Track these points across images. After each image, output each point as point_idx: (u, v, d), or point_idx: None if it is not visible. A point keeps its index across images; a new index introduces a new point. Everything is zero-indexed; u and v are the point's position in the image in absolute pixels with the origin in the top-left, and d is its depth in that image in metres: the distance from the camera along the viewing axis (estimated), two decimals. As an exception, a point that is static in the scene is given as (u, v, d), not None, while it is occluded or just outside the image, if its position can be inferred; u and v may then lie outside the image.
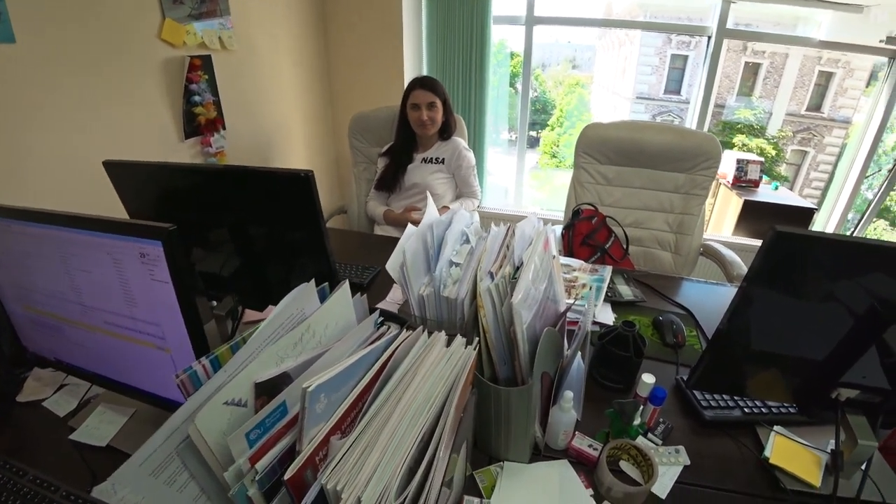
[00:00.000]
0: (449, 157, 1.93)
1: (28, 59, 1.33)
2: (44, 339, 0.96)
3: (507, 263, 0.78)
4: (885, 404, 0.83)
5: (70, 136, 1.48)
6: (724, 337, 0.81)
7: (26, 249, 0.85)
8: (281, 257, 1.04)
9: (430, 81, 1.86)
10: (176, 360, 0.77)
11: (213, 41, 1.91)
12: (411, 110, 1.87)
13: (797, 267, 0.72)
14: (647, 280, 1.51)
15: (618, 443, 0.82)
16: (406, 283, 0.82)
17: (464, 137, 2.05)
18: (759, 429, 0.93)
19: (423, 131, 1.89)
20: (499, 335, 0.74)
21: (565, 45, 8.60)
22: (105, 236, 0.72)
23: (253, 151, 2.30)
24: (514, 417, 0.76)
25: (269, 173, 0.91)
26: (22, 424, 0.98)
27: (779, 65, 7.20)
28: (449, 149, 1.94)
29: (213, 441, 0.44)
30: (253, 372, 0.48)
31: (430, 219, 0.89)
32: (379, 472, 0.43)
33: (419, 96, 1.83)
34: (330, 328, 0.58)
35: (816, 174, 7.26)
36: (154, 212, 1.11)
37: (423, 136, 1.94)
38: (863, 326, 0.75)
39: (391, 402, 0.50)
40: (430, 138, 1.95)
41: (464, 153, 1.94)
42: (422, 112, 1.83)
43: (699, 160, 1.72)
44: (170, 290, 0.69)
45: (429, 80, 1.86)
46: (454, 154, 1.93)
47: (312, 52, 2.67)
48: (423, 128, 1.87)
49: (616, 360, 1.00)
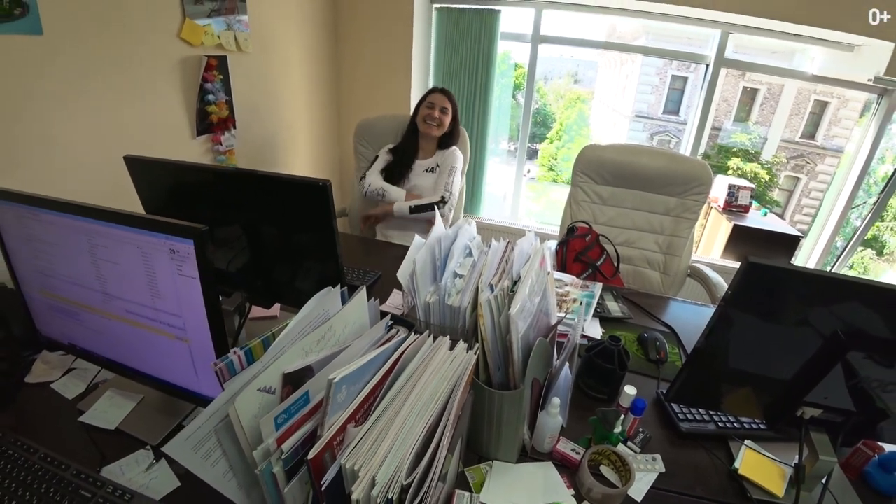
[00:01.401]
0: (441, 162, 2.03)
1: (53, 51, 1.38)
2: (60, 323, 1.00)
3: (506, 277, 0.84)
4: (846, 424, 0.91)
5: (90, 127, 1.53)
6: (701, 354, 0.88)
7: (53, 238, 0.89)
8: (291, 259, 1.09)
9: (449, 92, 2.02)
10: (194, 350, 0.83)
11: (229, 42, 1.97)
12: (426, 108, 1.99)
13: (768, 294, 0.79)
14: (635, 298, 1.58)
15: (599, 448, 0.89)
16: (414, 290, 0.88)
17: (466, 150, 2.14)
18: (731, 442, 1.00)
19: (429, 130, 1.99)
20: (495, 342, 0.81)
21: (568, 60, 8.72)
22: (138, 232, 0.77)
23: (261, 150, 2.36)
24: (506, 419, 0.83)
25: (288, 180, 0.97)
26: (30, 405, 1.01)
27: (776, 91, 7.34)
28: (445, 155, 2.03)
29: (245, 422, 0.50)
30: (282, 363, 0.54)
31: (439, 232, 0.96)
32: (391, 456, 0.50)
33: (437, 98, 1.99)
34: (348, 328, 0.64)
35: (808, 200, 7.39)
36: (169, 207, 1.15)
37: (427, 138, 2.03)
38: (826, 350, 0.82)
39: (401, 397, 0.57)
40: (431, 144, 2.05)
41: (450, 156, 2.01)
42: (434, 110, 1.97)
43: (690, 185, 1.80)
44: (196, 286, 0.74)
45: (447, 91, 2.03)
46: (445, 157, 2.03)
47: (323, 57, 2.75)
48: (430, 127, 1.98)
49: (601, 372, 1.07)
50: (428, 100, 2.00)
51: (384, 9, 2.65)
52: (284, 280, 1.14)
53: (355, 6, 2.73)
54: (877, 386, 0.85)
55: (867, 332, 0.80)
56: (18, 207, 0.89)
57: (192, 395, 0.89)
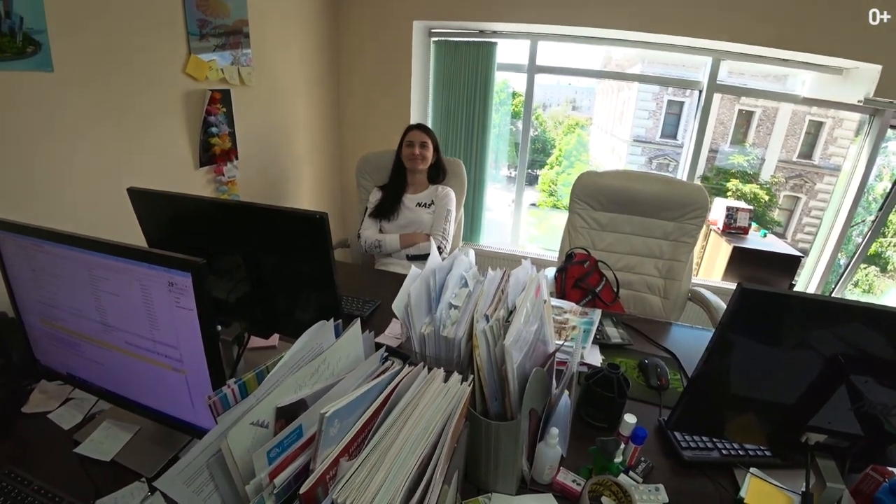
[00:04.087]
0: (436, 200, 2.09)
1: (63, 86, 1.42)
2: (59, 353, 1.00)
3: (502, 307, 0.85)
4: (852, 449, 0.89)
5: (98, 159, 1.56)
6: (701, 380, 0.87)
7: (56, 269, 0.90)
8: (289, 289, 1.10)
9: (425, 127, 2.11)
10: (190, 381, 0.83)
11: (233, 76, 2.03)
12: (406, 147, 2.07)
13: (764, 319, 0.79)
14: (635, 324, 1.57)
15: (600, 479, 0.87)
16: (409, 321, 0.89)
17: (462, 181, 2.20)
18: (736, 470, 0.98)
19: (413, 165, 2.06)
20: (491, 373, 0.81)
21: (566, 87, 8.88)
22: (137, 264, 0.78)
23: (262, 181, 2.40)
24: (503, 450, 0.82)
25: (286, 212, 0.99)
26: (26, 435, 1.00)
27: (771, 113, 7.44)
28: (439, 194, 2.09)
29: (238, 456, 0.50)
30: (276, 397, 0.54)
31: (434, 264, 0.97)
32: (383, 490, 0.49)
33: (415, 135, 2.06)
34: (342, 361, 0.65)
35: (809, 219, 7.40)
36: (170, 238, 1.17)
37: (413, 173, 2.10)
38: (827, 374, 0.81)
39: (394, 430, 0.56)
40: (420, 178, 2.12)
41: (445, 198, 2.07)
42: (415, 148, 2.04)
43: (688, 209, 1.82)
44: (193, 318, 0.75)
45: (424, 126, 2.11)
46: (439, 197, 2.09)
47: (325, 90, 2.83)
48: (414, 162, 2.05)
49: (601, 400, 1.06)
50: (407, 138, 2.08)
51: (384, 42, 2.74)
52: (283, 310, 1.14)
53: (356, 41, 2.82)
54: (883, 409, 0.84)
55: (869, 354, 0.80)
56: (22, 239, 0.91)
57: (188, 427, 0.88)
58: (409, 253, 2.00)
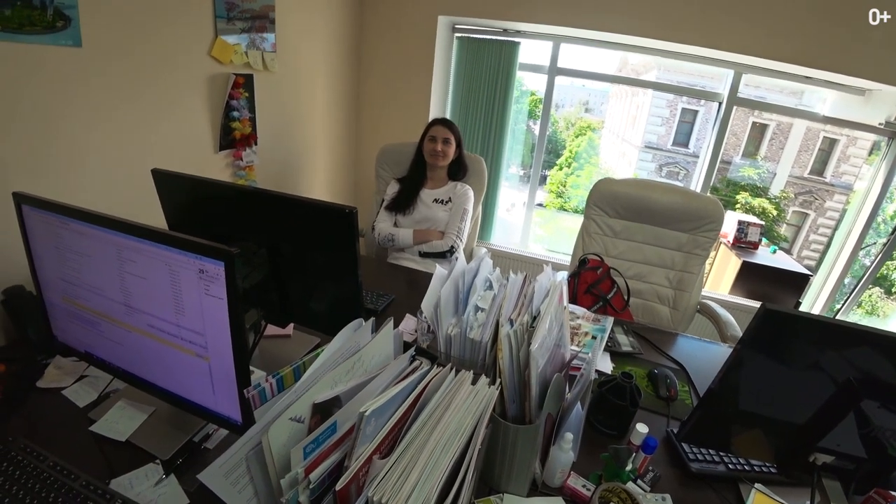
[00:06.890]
0: (454, 198, 2.07)
1: (91, 63, 1.42)
2: (78, 331, 1.01)
3: (525, 312, 0.86)
4: (858, 471, 0.90)
5: (119, 137, 1.56)
6: (715, 396, 0.88)
7: (81, 248, 0.90)
8: (309, 281, 1.11)
9: (449, 122, 2.07)
10: (214, 368, 0.83)
11: (256, 62, 2.03)
12: (428, 142, 2.04)
13: (783, 339, 0.80)
14: (645, 333, 1.58)
15: (609, 485, 0.88)
16: (437, 322, 0.89)
17: (483, 179, 2.18)
18: (742, 485, 0.99)
19: (434, 161, 2.04)
20: (512, 376, 0.82)
21: (580, 88, 8.82)
22: (168, 249, 0.78)
23: (279, 168, 2.40)
24: (519, 453, 0.83)
25: (315, 204, 0.99)
26: (41, 410, 1.01)
27: (785, 128, 7.40)
28: (457, 192, 2.08)
29: (275, 450, 0.51)
30: (314, 393, 0.55)
31: (462, 265, 0.99)
32: (418, 489, 0.50)
33: (438, 130, 2.03)
34: (374, 359, 0.65)
35: (816, 237, 7.38)
36: (192, 221, 1.18)
37: (434, 168, 2.08)
38: (840, 397, 0.82)
39: (426, 430, 0.57)
40: (440, 174, 2.09)
41: (462, 196, 2.05)
42: (437, 143, 2.01)
43: (703, 222, 1.82)
44: (222, 307, 0.76)
45: (448, 121, 2.07)
46: (457, 195, 2.07)
47: (345, 80, 2.82)
48: (435, 158, 2.03)
49: (613, 408, 1.07)
50: (430, 133, 2.05)
51: (407, 36, 2.73)
52: (301, 301, 1.15)
53: (379, 33, 2.81)
54: (890, 435, 0.85)
55: (882, 380, 0.81)
56: (48, 215, 0.91)
57: (206, 412, 0.89)
58: (422, 250, 1.99)
